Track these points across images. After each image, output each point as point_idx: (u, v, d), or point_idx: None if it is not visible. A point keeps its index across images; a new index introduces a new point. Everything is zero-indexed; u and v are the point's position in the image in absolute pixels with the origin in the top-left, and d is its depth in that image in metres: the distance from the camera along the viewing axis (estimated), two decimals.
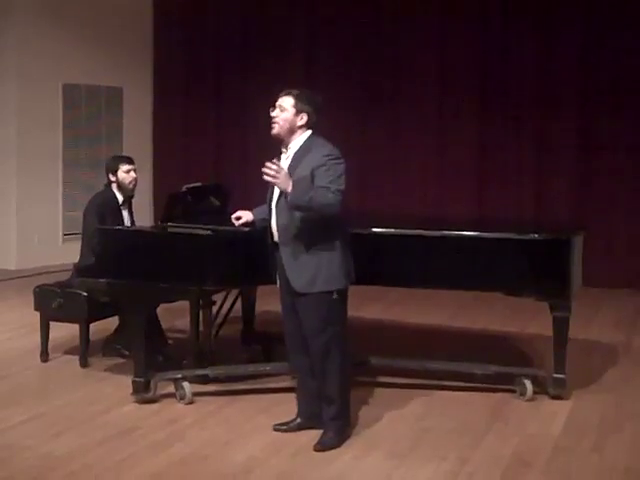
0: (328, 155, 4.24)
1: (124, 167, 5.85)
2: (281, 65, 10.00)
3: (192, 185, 5.66)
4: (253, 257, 4.83)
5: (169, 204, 5.46)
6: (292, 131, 4.33)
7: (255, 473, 4.06)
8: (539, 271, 4.98)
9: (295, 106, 4.31)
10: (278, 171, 4.11)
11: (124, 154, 6.70)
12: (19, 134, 9.57)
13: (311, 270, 4.26)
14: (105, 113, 10.39)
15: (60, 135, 9.92)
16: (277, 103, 4.36)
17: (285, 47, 10.13)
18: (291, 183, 4.12)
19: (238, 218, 4.77)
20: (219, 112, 10.62)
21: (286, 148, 4.38)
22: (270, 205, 4.42)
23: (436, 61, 9.46)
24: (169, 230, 5.07)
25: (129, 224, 5.92)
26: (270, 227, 4.42)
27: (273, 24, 10.20)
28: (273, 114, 4.34)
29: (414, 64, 9.50)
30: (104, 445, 4.39)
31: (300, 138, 4.34)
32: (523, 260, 4.98)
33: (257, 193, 4.70)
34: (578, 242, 5.14)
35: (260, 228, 4.69)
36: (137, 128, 10.76)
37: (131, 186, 5.88)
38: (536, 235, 5.07)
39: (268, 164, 4.12)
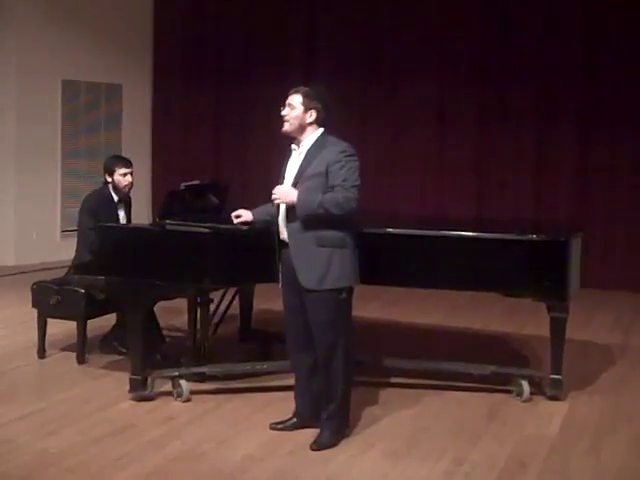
0: (343, 151, 4.25)
1: (120, 170, 5.81)
2: (281, 64, 9.99)
3: (190, 183, 5.66)
4: (252, 255, 4.83)
5: (167, 201, 5.46)
6: (303, 128, 4.33)
7: (251, 471, 4.06)
8: (537, 272, 4.97)
9: (304, 103, 4.30)
10: (277, 191, 4.23)
11: (123, 155, 6.62)
12: (18, 130, 9.57)
13: (322, 267, 4.23)
14: (104, 110, 10.39)
15: (59, 132, 9.94)
16: (287, 101, 4.35)
17: (285, 46, 10.13)
18: (296, 194, 4.16)
19: (238, 216, 4.73)
20: (218, 110, 10.62)
21: (298, 145, 4.38)
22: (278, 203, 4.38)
23: (436, 61, 9.48)
24: (167, 227, 5.06)
25: (125, 223, 5.88)
26: (277, 225, 4.39)
27: (273, 23, 10.20)
28: (283, 112, 4.33)
29: (414, 64, 9.51)
30: (100, 442, 4.39)
31: (312, 136, 4.34)
32: (521, 261, 4.97)
33: (255, 191, 4.69)
34: (576, 243, 5.14)
35: (260, 227, 4.68)
36: (136, 125, 10.76)
37: (126, 190, 5.85)
38: (534, 236, 5.06)
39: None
